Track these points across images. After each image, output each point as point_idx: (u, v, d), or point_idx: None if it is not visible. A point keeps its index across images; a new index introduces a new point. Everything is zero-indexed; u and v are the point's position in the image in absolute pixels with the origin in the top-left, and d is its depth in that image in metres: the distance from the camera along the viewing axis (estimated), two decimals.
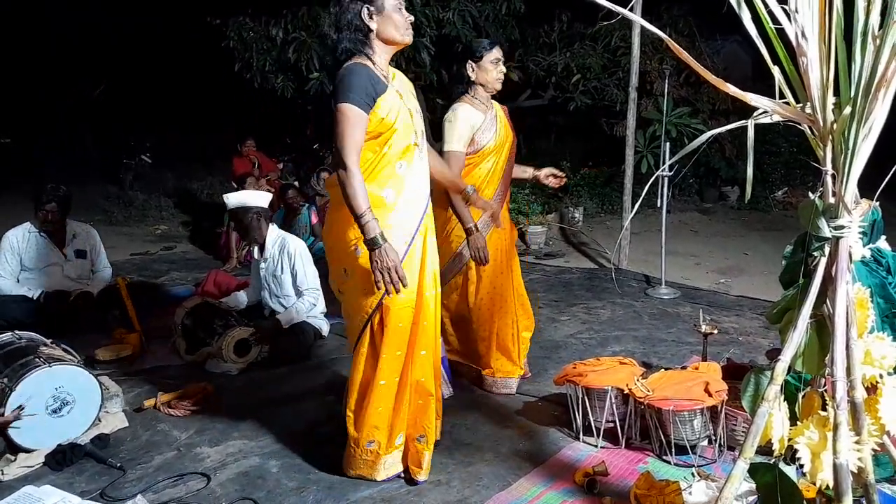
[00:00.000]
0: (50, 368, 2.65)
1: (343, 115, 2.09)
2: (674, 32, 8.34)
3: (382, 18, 2.19)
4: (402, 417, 2.37)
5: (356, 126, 2.11)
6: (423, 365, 2.38)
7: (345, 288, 2.35)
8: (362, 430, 2.34)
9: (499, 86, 3.05)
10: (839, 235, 1.40)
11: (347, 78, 2.11)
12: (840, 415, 1.34)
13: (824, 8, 1.31)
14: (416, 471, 2.41)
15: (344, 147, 2.10)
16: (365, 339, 2.30)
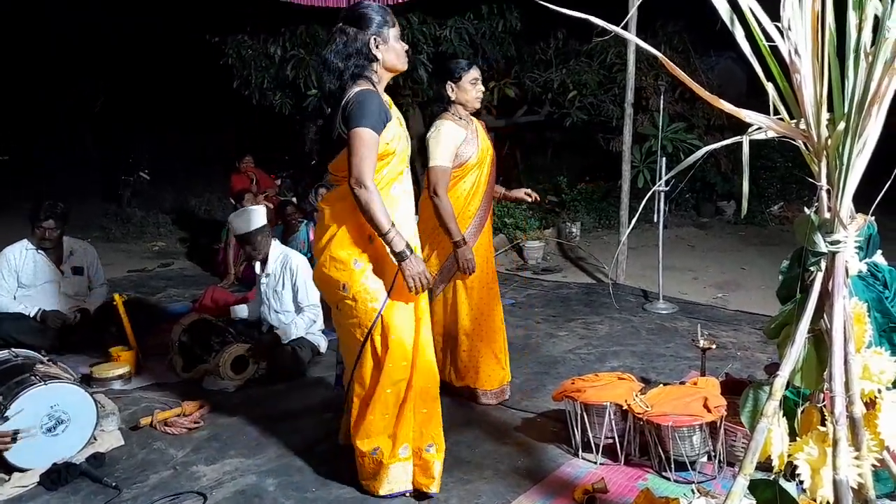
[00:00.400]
0: (46, 386, 2.63)
1: (362, 138, 2.22)
2: (668, 49, 8.42)
3: (387, 48, 2.35)
4: (406, 427, 2.40)
5: (373, 149, 2.24)
6: (427, 372, 2.42)
7: (343, 303, 2.37)
8: (367, 439, 2.38)
9: (478, 104, 3.19)
10: (835, 250, 1.40)
11: (364, 104, 2.24)
12: (839, 430, 1.34)
13: (817, 25, 1.32)
14: (428, 483, 2.42)
15: (364, 168, 2.21)
16: (367, 351, 2.35)
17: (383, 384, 2.34)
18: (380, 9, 2.38)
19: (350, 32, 2.31)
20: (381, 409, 2.36)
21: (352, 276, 2.32)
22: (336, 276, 2.35)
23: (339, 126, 2.29)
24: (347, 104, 2.26)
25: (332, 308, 2.49)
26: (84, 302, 4.16)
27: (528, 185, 9.49)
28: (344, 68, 2.29)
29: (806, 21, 1.32)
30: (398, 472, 2.40)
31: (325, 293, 2.47)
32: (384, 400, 2.36)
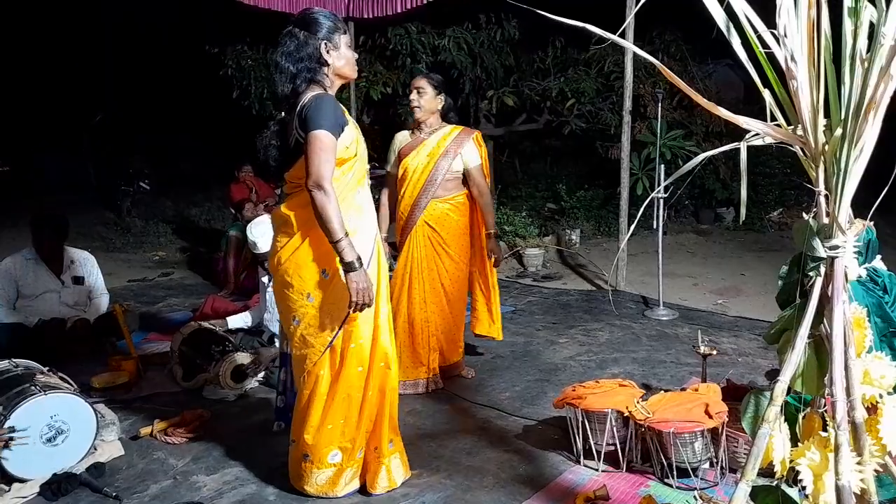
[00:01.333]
0: (46, 396, 2.63)
1: (321, 140, 2.20)
2: (666, 57, 8.46)
3: (338, 54, 2.36)
4: (363, 431, 2.43)
5: (331, 152, 2.22)
6: (381, 378, 2.44)
7: (304, 312, 2.33)
8: (327, 446, 2.38)
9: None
10: (834, 255, 1.41)
11: (321, 107, 2.23)
12: (841, 435, 1.33)
13: (812, 32, 1.33)
14: (372, 483, 2.48)
15: (323, 170, 2.19)
16: (325, 359, 2.35)
17: (340, 389, 2.36)
18: (331, 15, 2.39)
19: (300, 36, 2.31)
20: (339, 415, 2.37)
21: (320, 285, 2.32)
22: (301, 284, 2.33)
23: (296, 131, 2.28)
24: (303, 108, 2.25)
25: (285, 320, 2.44)
26: (84, 312, 4.16)
27: (528, 192, 9.51)
28: (296, 72, 2.29)
29: (802, 28, 1.33)
30: (353, 472, 2.46)
31: (286, 302, 2.38)
32: (342, 404, 2.37)
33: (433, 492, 2.50)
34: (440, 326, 3.55)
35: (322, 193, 2.18)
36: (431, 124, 3.50)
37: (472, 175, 3.52)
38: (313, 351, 2.34)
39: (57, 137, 12.87)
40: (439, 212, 3.50)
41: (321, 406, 2.36)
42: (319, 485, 2.43)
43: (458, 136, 3.49)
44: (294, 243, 2.33)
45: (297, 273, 2.33)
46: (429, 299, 3.53)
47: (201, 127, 12.16)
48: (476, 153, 3.53)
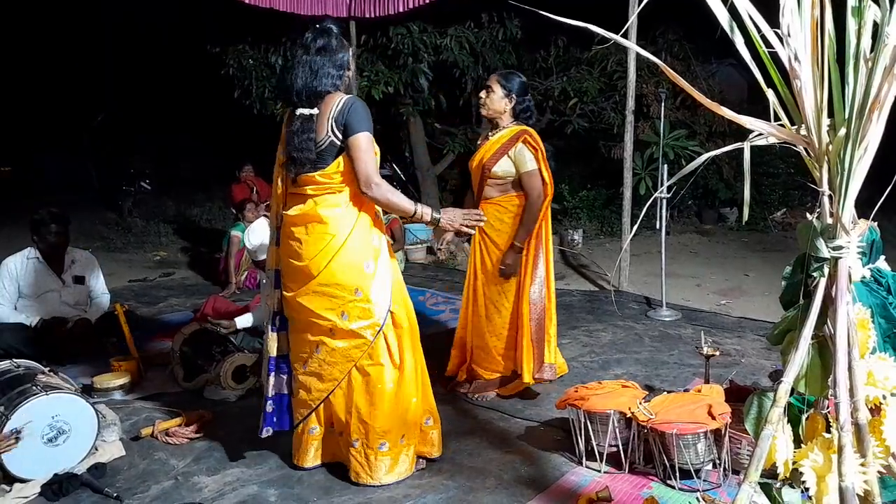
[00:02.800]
0: (47, 397, 2.62)
1: (367, 141, 2.37)
2: (669, 56, 8.46)
3: (350, 71, 2.53)
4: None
5: (372, 152, 2.40)
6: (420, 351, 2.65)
7: (352, 307, 2.43)
8: (411, 434, 2.58)
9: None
10: (838, 256, 1.40)
11: (364, 111, 2.39)
12: (844, 437, 1.33)
13: (816, 31, 1.32)
14: (430, 450, 2.71)
15: (371, 169, 2.37)
16: (378, 345, 2.48)
17: (414, 368, 2.55)
18: None
19: (342, 43, 2.46)
20: (420, 389, 2.60)
21: (366, 279, 2.43)
22: (349, 281, 2.41)
23: (331, 133, 2.36)
24: (342, 112, 2.36)
25: (325, 319, 2.43)
26: (85, 312, 4.17)
27: None
28: (332, 72, 2.40)
29: (805, 27, 1.32)
30: (408, 457, 2.59)
31: (329, 301, 2.42)
32: (416, 387, 2.56)
33: (435, 493, 2.49)
34: (473, 337, 3.46)
35: (378, 188, 2.37)
36: (500, 124, 3.38)
37: (522, 180, 3.29)
38: (363, 342, 2.45)
39: (57, 138, 12.91)
40: (489, 215, 3.29)
41: (386, 394, 2.48)
42: (400, 471, 2.55)
43: (511, 137, 3.31)
44: (336, 244, 2.40)
45: (343, 271, 2.41)
46: (471, 303, 3.46)
47: (202, 127, 12.17)
48: (529, 157, 3.28)
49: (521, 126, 3.34)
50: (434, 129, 9.48)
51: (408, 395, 2.54)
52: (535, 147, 3.30)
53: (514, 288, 3.35)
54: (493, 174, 3.32)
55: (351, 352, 2.46)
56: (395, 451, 2.53)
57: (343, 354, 2.46)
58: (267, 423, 2.61)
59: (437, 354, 3.49)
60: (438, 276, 6.55)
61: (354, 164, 2.35)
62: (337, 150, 2.39)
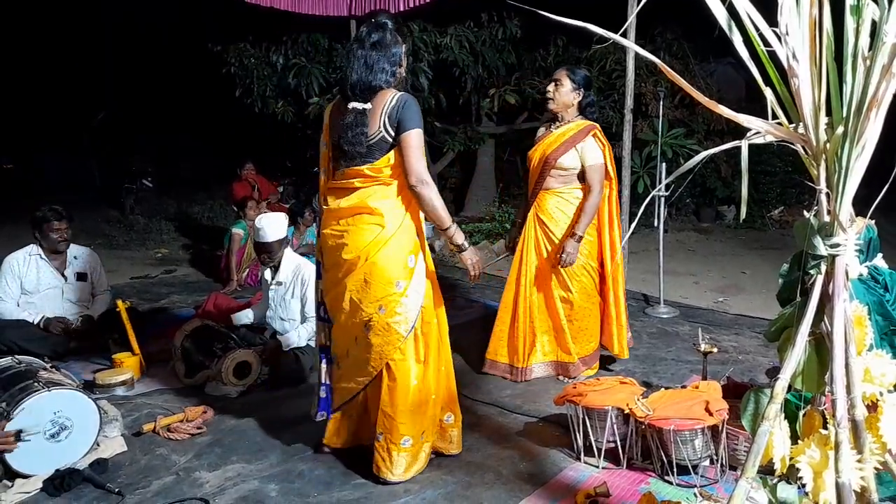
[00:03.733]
0: (49, 393, 2.64)
1: (420, 138, 2.39)
2: (667, 55, 8.45)
3: (403, 69, 2.53)
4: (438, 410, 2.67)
5: (423, 150, 2.41)
6: (448, 351, 2.71)
7: (391, 300, 2.45)
8: (431, 431, 2.61)
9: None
10: (835, 253, 1.41)
11: (414, 108, 2.41)
12: (841, 433, 1.34)
13: (814, 30, 1.33)
14: (447, 447, 2.72)
15: (422, 167, 2.38)
16: (411, 342, 2.51)
17: (437, 366, 2.58)
18: None
19: (397, 39, 2.47)
20: (443, 385, 2.62)
21: (408, 274, 2.47)
22: (392, 274, 2.44)
23: (383, 128, 2.39)
24: (395, 109, 2.38)
25: (363, 312, 2.46)
26: (87, 308, 4.17)
27: None
28: (387, 68, 2.42)
29: (803, 26, 1.33)
30: (425, 453, 2.62)
31: (371, 293, 2.44)
32: (437, 383, 2.59)
33: (434, 488, 2.51)
34: (539, 324, 3.57)
35: (428, 187, 2.37)
36: (565, 118, 3.48)
37: (587, 173, 3.42)
38: (397, 337, 2.47)
39: (58, 136, 12.88)
40: (548, 205, 3.48)
41: (409, 390, 2.51)
42: (417, 468, 2.57)
43: (579, 131, 3.42)
44: (384, 236, 2.43)
45: (388, 264, 2.43)
46: (531, 295, 3.55)
47: (203, 125, 12.16)
48: (597, 151, 3.41)
49: (587, 121, 3.46)
50: (434, 127, 9.47)
51: (428, 391, 2.57)
52: (603, 143, 3.45)
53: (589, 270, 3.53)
54: (557, 165, 3.43)
55: (385, 348, 2.48)
56: (416, 448, 2.56)
57: (378, 350, 2.49)
58: (321, 408, 2.70)
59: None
60: (439, 272, 6.56)
61: (406, 160, 2.36)
62: (388, 146, 2.41)
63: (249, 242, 6.05)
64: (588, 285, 3.55)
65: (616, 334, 3.59)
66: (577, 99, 3.45)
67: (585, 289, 3.54)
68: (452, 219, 2.47)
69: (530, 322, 3.57)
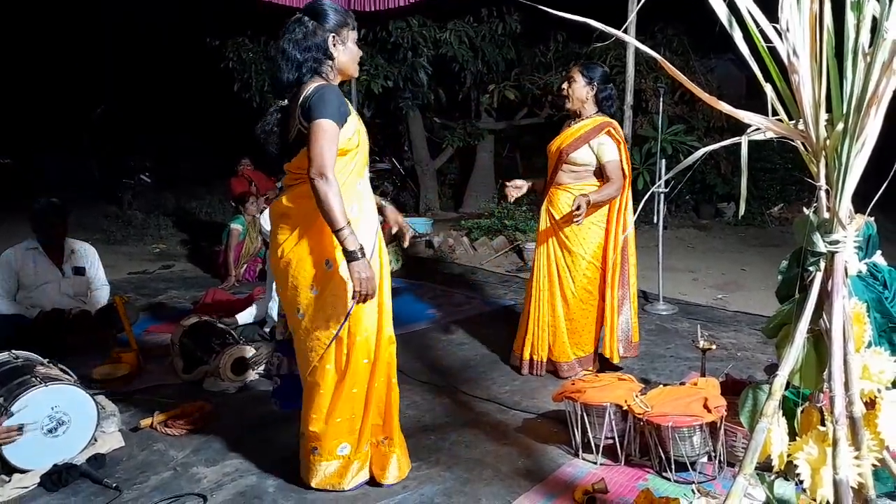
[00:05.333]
0: (46, 388, 2.63)
1: (324, 129, 2.17)
2: (668, 52, 8.44)
3: (344, 49, 2.35)
4: (369, 423, 2.44)
5: (333, 141, 2.19)
6: (388, 369, 2.47)
7: (308, 304, 2.32)
8: (335, 438, 2.40)
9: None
10: (834, 250, 1.41)
11: (326, 96, 2.20)
12: (839, 430, 1.34)
13: (815, 26, 1.33)
14: (382, 474, 2.49)
15: (325, 160, 2.15)
16: (331, 352, 2.34)
17: (347, 383, 2.36)
18: (342, 9, 2.36)
19: (309, 25, 2.29)
20: (348, 408, 2.38)
21: (323, 277, 2.30)
22: (305, 276, 2.31)
23: (298, 121, 2.25)
24: (306, 99, 2.22)
25: (290, 313, 2.40)
26: (84, 303, 4.17)
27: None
28: (302, 60, 2.26)
29: (804, 22, 1.33)
30: (359, 464, 2.46)
31: (290, 294, 2.35)
32: (350, 398, 2.37)
33: (432, 484, 2.51)
34: (550, 323, 3.56)
35: (324, 182, 2.14)
36: (583, 113, 3.47)
37: (605, 170, 3.41)
38: (319, 343, 2.33)
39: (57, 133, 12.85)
40: (560, 201, 3.48)
41: (328, 399, 2.36)
42: (327, 476, 2.43)
43: (593, 128, 3.41)
44: (296, 236, 2.31)
45: (300, 265, 2.31)
46: (543, 289, 3.55)
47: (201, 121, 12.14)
48: (613, 148, 3.40)
49: (604, 117, 3.45)
50: (433, 123, 9.47)
51: (348, 407, 2.39)
52: (618, 140, 3.42)
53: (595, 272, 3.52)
54: (570, 160, 3.43)
55: (309, 355, 2.36)
56: (326, 458, 2.42)
57: (303, 353, 2.39)
58: (273, 396, 2.75)
59: (423, 351, 3.49)
60: (438, 268, 6.57)
61: (309, 149, 2.16)
62: (303, 140, 2.24)
63: (248, 238, 6.05)
64: (589, 284, 3.53)
65: (608, 337, 3.54)
66: (592, 93, 3.45)
67: (586, 288, 3.53)
68: (348, 223, 2.17)
69: (541, 315, 3.57)
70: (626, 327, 3.59)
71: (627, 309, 3.58)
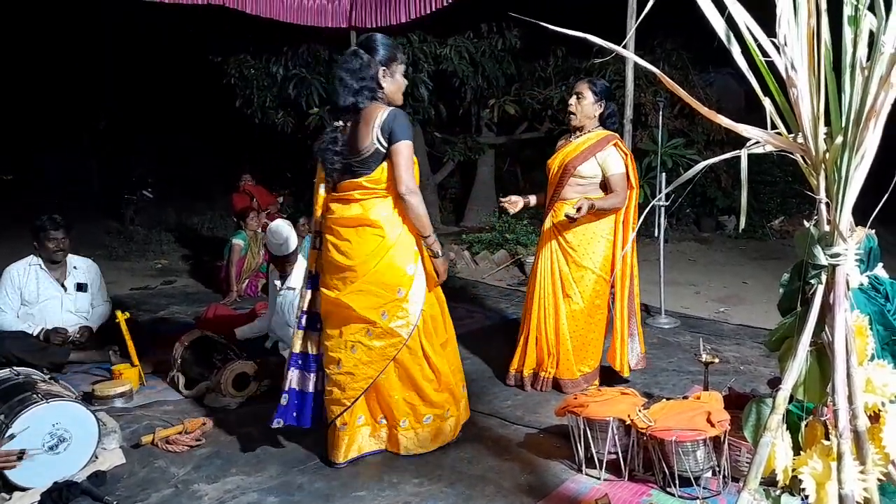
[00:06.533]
0: (48, 404, 2.62)
1: (408, 149, 2.57)
2: (667, 66, 8.48)
3: (392, 81, 2.72)
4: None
5: (412, 159, 2.59)
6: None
7: (393, 305, 2.63)
8: (454, 405, 2.87)
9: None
10: (835, 263, 1.40)
11: (402, 119, 2.60)
12: (843, 444, 1.33)
13: (812, 40, 1.34)
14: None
15: (411, 177, 2.57)
16: (415, 342, 2.70)
17: (440, 355, 2.79)
18: (393, 45, 2.71)
19: (364, 58, 2.62)
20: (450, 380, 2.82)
21: (408, 281, 2.64)
22: (393, 281, 2.62)
23: (376, 141, 2.56)
24: (385, 122, 2.56)
25: (367, 316, 2.61)
26: (87, 319, 4.17)
27: None
28: (359, 89, 2.59)
29: (802, 36, 1.34)
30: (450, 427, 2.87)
31: (373, 299, 2.61)
32: (443, 364, 2.79)
33: (434, 500, 2.49)
34: (551, 337, 3.53)
35: (416, 196, 2.57)
36: (585, 128, 3.50)
37: (610, 183, 3.41)
38: (399, 339, 2.66)
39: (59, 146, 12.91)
40: (564, 214, 3.46)
41: (420, 375, 2.72)
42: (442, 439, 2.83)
43: (598, 141, 3.43)
44: (387, 244, 2.61)
45: (389, 270, 2.61)
46: (547, 305, 3.53)
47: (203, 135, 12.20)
48: (618, 160, 3.41)
49: (607, 131, 3.49)
50: (434, 137, 9.50)
51: (438, 372, 2.78)
52: (625, 152, 3.47)
53: (603, 284, 3.51)
54: (577, 173, 3.44)
55: (387, 350, 2.66)
56: (437, 423, 2.80)
57: (380, 353, 2.66)
58: (278, 415, 2.77)
59: None
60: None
61: (396, 170, 2.55)
62: (382, 157, 2.59)
63: (249, 253, 6.06)
64: (597, 298, 3.51)
65: (619, 350, 3.54)
66: (599, 111, 3.48)
67: (593, 302, 3.51)
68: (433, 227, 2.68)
69: (546, 331, 3.55)
70: (635, 340, 3.59)
71: (634, 321, 3.58)
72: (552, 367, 3.54)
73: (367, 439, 2.81)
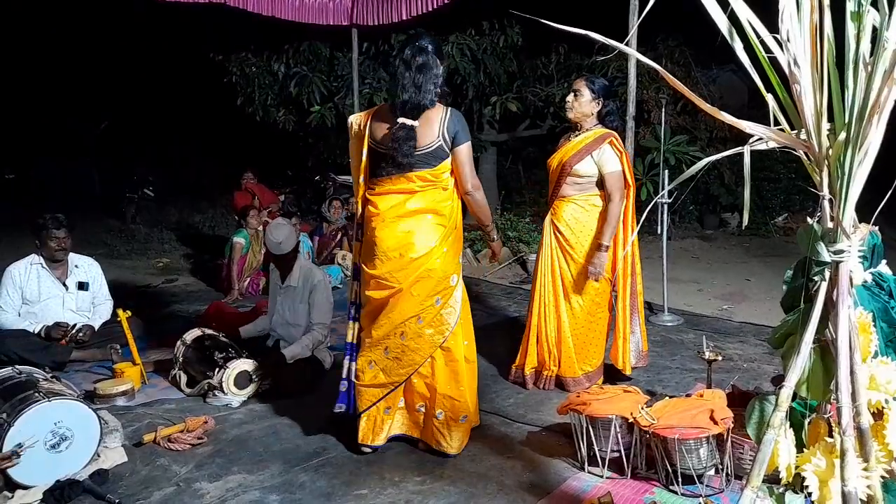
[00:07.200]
0: (49, 403, 2.63)
1: (470, 150, 2.76)
2: (670, 63, 8.47)
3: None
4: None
5: (472, 158, 2.76)
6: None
7: (446, 293, 2.74)
8: (476, 412, 2.95)
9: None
10: (839, 260, 1.40)
11: (464, 122, 2.76)
12: (847, 441, 1.32)
13: (815, 36, 1.33)
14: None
15: (474, 175, 2.77)
16: (460, 331, 2.79)
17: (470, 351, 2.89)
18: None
19: (437, 61, 2.72)
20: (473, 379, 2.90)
21: (459, 268, 2.81)
22: (450, 269, 2.75)
23: (441, 139, 2.69)
24: (449, 121, 2.69)
25: (420, 306, 2.70)
26: (88, 318, 4.17)
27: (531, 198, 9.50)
28: (431, 88, 2.68)
29: (804, 32, 1.33)
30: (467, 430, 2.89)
31: (429, 287, 2.70)
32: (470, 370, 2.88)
33: (437, 498, 2.49)
34: (552, 335, 3.53)
35: (480, 192, 2.79)
36: (585, 126, 3.49)
37: (605, 181, 3.41)
38: (447, 327, 2.74)
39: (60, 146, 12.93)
40: (564, 213, 3.48)
41: (464, 369, 2.80)
42: (465, 442, 2.84)
43: (595, 139, 3.42)
44: (448, 234, 2.75)
45: (447, 259, 2.74)
46: (548, 303, 3.53)
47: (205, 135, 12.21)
48: (614, 159, 3.40)
49: (605, 129, 3.47)
50: None
51: (475, 370, 2.91)
52: (620, 150, 3.44)
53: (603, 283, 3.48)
54: (574, 172, 3.44)
55: (435, 337, 2.74)
56: (468, 424, 2.86)
57: (428, 340, 2.74)
58: (340, 400, 2.91)
59: None
60: None
61: (462, 169, 2.72)
62: (446, 154, 2.71)
63: (250, 252, 6.06)
64: (598, 296, 3.51)
65: (621, 348, 3.54)
66: (597, 108, 3.47)
67: (594, 300, 3.51)
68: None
69: (547, 330, 3.55)
70: (636, 337, 3.58)
71: (637, 319, 3.57)
72: (554, 366, 3.54)
73: (403, 423, 2.89)
